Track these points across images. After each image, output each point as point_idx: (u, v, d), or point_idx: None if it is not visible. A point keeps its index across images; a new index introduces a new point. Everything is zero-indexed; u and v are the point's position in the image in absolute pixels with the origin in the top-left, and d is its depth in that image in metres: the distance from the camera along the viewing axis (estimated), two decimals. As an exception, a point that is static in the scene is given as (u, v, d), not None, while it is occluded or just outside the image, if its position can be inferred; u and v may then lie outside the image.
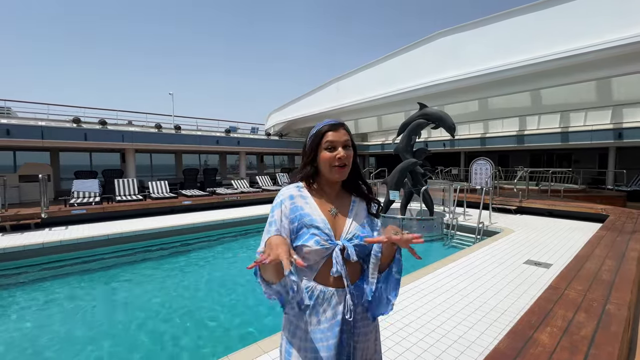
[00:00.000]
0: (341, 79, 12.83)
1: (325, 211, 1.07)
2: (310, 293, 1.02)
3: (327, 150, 1.04)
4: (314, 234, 1.01)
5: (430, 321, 2.69)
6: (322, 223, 1.03)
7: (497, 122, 16.27)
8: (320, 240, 1.00)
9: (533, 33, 7.14)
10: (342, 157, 1.03)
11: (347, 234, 1.06)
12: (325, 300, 1.01)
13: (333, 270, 1.00)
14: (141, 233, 6.50)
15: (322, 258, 1.02)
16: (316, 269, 1.03)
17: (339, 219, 1.09)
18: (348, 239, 1.05)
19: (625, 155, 14.82)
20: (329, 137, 1.04)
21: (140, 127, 12.47)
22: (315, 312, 1.01)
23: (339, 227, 1.07)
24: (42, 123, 9.85)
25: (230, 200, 10.24)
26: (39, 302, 4.01)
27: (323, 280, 1.03)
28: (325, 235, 1.02)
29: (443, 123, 7.17)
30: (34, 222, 6.65)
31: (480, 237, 6.36)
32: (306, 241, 1.00)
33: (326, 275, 1.02)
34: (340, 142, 1.04)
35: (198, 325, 3.41)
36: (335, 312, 1.01)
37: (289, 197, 1.07)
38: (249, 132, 18.85)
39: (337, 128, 1.06)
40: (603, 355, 1.64)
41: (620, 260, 3.33)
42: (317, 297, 1.01)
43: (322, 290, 1.02)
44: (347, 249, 1.02)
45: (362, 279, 1.09)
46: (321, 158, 1.06)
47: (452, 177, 17.93)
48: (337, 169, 1.04)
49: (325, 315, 1.01)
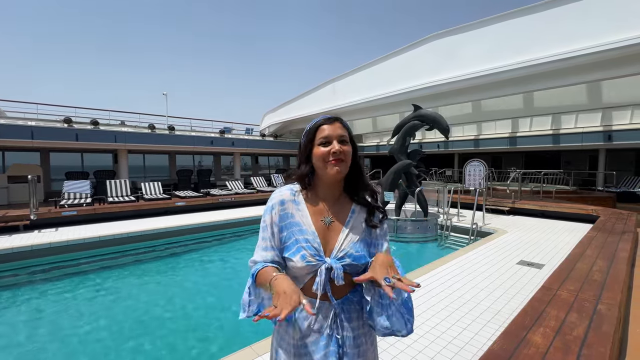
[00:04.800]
0: (337, 79, 12.85)
1: (317, 221, 0.97)
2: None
3: (321, 146, 0.94)
4: (302, 247, 0.92)
5: (424, 322, 2.69)
6: (311, 235, 0.94)
7: (491, 124, 16.46)
8: (307, 256, 0.91)
9: (527, 36, 7.23)
10: (337, 150, 0.92)
11: (339, 252, 0.94)
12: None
13: (314, 287, 0.92)
14: (134, 235, 6.41)
15: (308, 274, 0.94)
16: (302, 282, 0.96)
17: (332, 231, 0.97)
18: (338, 258, 0.94)
19: (614, 157, 15.10)
20: (323, 132, 0.95)
21: (133, 128, 12.33)
22: (300, 326, 0.95)
23: (331, 240, 0.96)
24: (32, 123, 9.68)
25: (225, 201, 10.16)
26: (27, 306, 3.92)
27: (309, 294, 0.94)
28: (314, 249, 0.92)
29: (437, 125, 7.22)
30: (22, 223, 6.51)
31: (473, 238, 6.41)
32: (292, 255, 0.93)
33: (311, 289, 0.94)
34: (335, 135, 0.94)
35: (194, 326, 3.37)
36: (322, 326, 0.94)
37: (280, 203, 0.98)
38: (244, 133, 18.78)
39: (331, 122, 0.96)
40: (595, 355, 1.66)
41: (611, 261, 3.38)
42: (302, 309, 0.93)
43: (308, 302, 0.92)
44: (335, 271, 0.91)
45: (353, 291, 0.98)
46: (314, 154, 0.96)
47: (446, 178, 18.07)
48: (332, 164, 0.93)
49: (311, 328, 0.94)
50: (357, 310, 0.98)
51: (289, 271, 0.97)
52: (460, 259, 4.43)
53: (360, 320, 0.98)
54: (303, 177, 1.00)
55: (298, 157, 1.03)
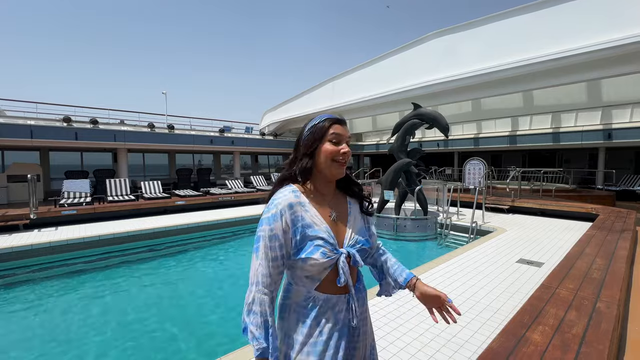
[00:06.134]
0: (336, 78, 12.84)
1: (326, 217, 1.01)
2: (312, 303, 0.97)
3: (332, 143, 0.98)
4: (319, 245, 0.94)
5: (424, 320, 2.69)
6: (326, 233, 0.97)
7: (490, 123, 16.46)
8: (327, 252, 0.94)
9: (526, 34, 7.22)
10: (347, 152, 0.99)
11: (350, 240, 1.03)
12: (329, 309, 0.98)
13: (341, 280, 0.95)
14: (133, 234, 6.41)
15: (327, 269, 0.97)
16: (318, 279, 0.97)
17: (339, 224, 1.04)
18: (351, 245, 1.02)
19: (614, 155, 15.11)
20: (336, 130, 0.99)
21: (132, 127, 12.31)
22: (316, 323, 0.96)
23: (341, 233, 1.03)
24: (32, 122, 9.66)
25: (225, 200, 10.16)
26: (26, 305, 3.92)
27: (325, 289, 0.98)
28: (330, 245, 0.96)
29: (437, 123, 7.21)
30: (22, 223, 6.51)
31: (473, 236, 6.41)
32: (311, 253, 0.93)
33: (328, 285, 0.98)
34: (346, 137, 1.01)
35: (192, 325, 3.37)
36: (337, 320, 0.98)
37: (289, 206, 0.95)
38: (244, 132, 18.75)
39: (342, 123, 1.03)
40: (594, 353, 1.66)
41: (610, 259, 3.39)
42: (320, 306, 0.97)
43: (325, 299, 0.98)
44: (354, 257, 0.99)
45: (359, 280, 1.09)
46: (323, 150, 0.98)
47: (446, 177, 18.08)
48: (338, 164, 0.99)
49: (327, 325, 0.97)
50: (362, 298, 1.08)
51: (303, 272, 0.97)
52: (459, 258, 4.44)
53: (364, 306, 1.08)
54: (304, 172, 1.01)
55: (299, 150, 1.03)
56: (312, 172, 1.02)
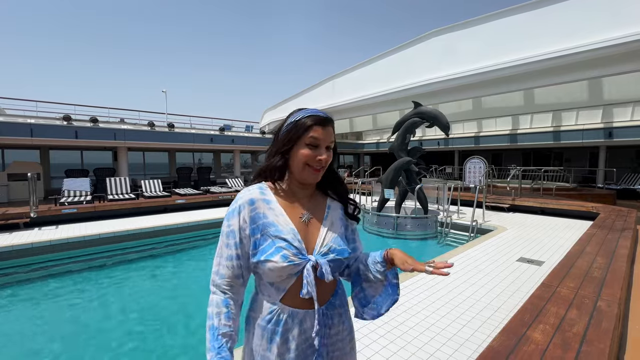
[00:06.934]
0: (337, 77, 12.81)
1: (295, 218, 0.90)
2: (276, 317, 0.86)
3: (308, 147, 0.86)
4: (281, 247, 0.83)
5: (424, 319, 2.69)
6: (290, 234, 0.86)
7: (491, 121, 16.44)
8: (289, 255, 0.83)
9: (526, 32, 7.19)
10: (323, 160, 0.87)
11: (322, 247, 0.89)
12: (295, 325, 0.86)
13: (303, 291, 0.83)
14: (134, 232, 6.41)
15: (291, 276, 0.85)
16: (284, 289, 0.86)
17: (312, 228, 0.91)
18: (322, 254, 0.88)
19: (615, 154, 15.09)
20: (315, 133, 0.86)
21: (132, 125, 12.30)
22: (284, 340, 0.85)
23: (312, 237, 0.90)
24: (32, 120, 9.65)
25: (225, 198, 10.16)
26: (27, 304, 3.93)
27: (291, 302, 0.86)
28: (295, 248, 0.84)
29: (437, 122, 7.20)
30: (22, 221, 6.51)
31: (473, 235, 6.41)
32: (270, 255, 0.83)
33: (294, 296, 0.86)
34: (326, 142, 0.88)
35: (193, 323, 3.37)
36: (307, 337, 0.87)
37: (249, 202, 0.88)
38: (244, 130, 18.73)
39: (326, 124, 0.88)
40: (594, 351, 1.66)
41: (611, 258, 3.38)
42: (285, 322, 0.85)
43: (290, 313, 0.86)
44: (321, 267, 0.84)
45: (335, 295, 0.94)
46: (298, 153, 0.87)
47: (446, 175, 18.07)
48: (312, 169, 0.87)
49: (295, 342, 0.85)
50: (339, 315, 0.94)
51: (265, 277, 0.87)
52: (460, 256, 4.44)
53: (340, 326, 0.94)
54: (274, 170, 0.91)
55: (273, 147, 0.93)
56: (285, 171, 0.92)
